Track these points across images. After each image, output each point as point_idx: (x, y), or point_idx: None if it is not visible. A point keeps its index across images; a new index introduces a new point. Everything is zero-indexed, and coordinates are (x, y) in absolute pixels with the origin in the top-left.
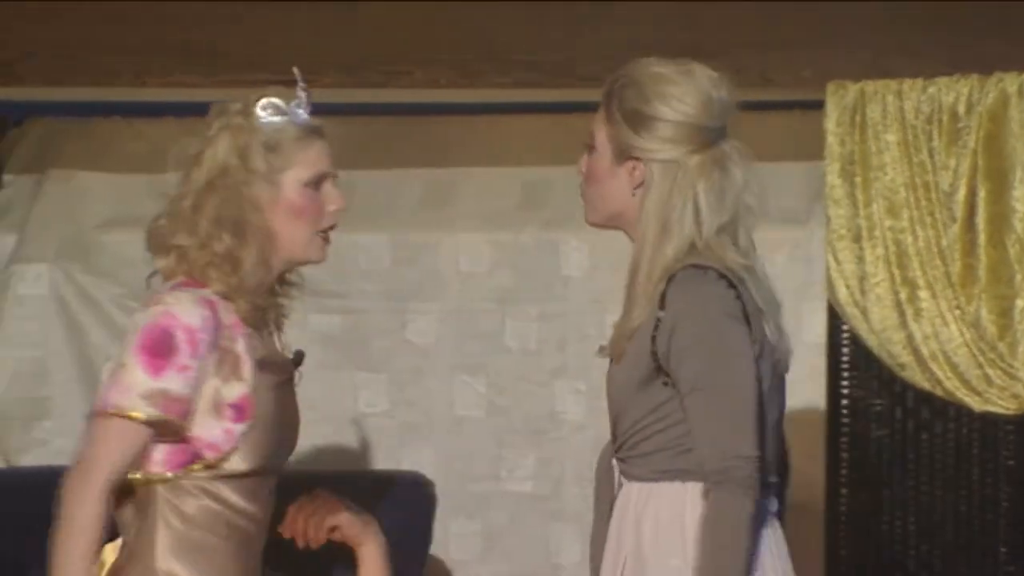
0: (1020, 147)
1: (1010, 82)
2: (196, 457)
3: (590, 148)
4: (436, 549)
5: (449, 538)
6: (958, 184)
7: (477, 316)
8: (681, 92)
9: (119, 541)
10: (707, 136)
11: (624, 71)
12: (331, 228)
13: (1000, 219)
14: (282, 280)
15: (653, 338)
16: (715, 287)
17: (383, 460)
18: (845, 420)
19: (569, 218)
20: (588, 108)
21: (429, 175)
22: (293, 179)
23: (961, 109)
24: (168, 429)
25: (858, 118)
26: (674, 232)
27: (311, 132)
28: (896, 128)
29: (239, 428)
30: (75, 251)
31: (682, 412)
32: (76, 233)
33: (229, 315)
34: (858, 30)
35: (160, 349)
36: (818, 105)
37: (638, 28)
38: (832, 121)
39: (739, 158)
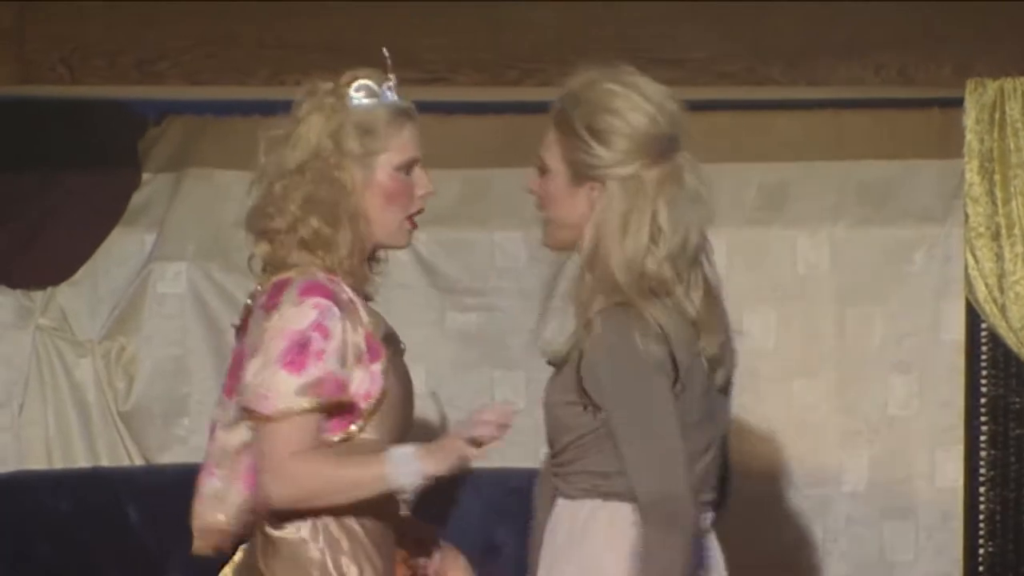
0: None
1: None
2: (352, 417)
3: (542, 170)
4: None
5: None
6: None
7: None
8: (632, 104)
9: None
10: (663, 146)
11: (570, 89)
12: (418, 213)
13: None
14: (371, 260)
15: (578, 369)
16: (638, 335)
17: (522, 458)
18: (984, 418)
19: None
20: (729, 106)
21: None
22: (386, 163)
23: None
24: (334, 407)
25: (997, 115)
26: (629, 249)
27: (403, 115)
28: None
29: (377, 367)
30: (213, 249)
31: (610, 440)
32: (214, 231)
33: (344, 290)
34: (998, 27)
35: (294, 351)
36: (957, 103)
37: (776, 25)
38: (971, 118)
39: (692, 168)
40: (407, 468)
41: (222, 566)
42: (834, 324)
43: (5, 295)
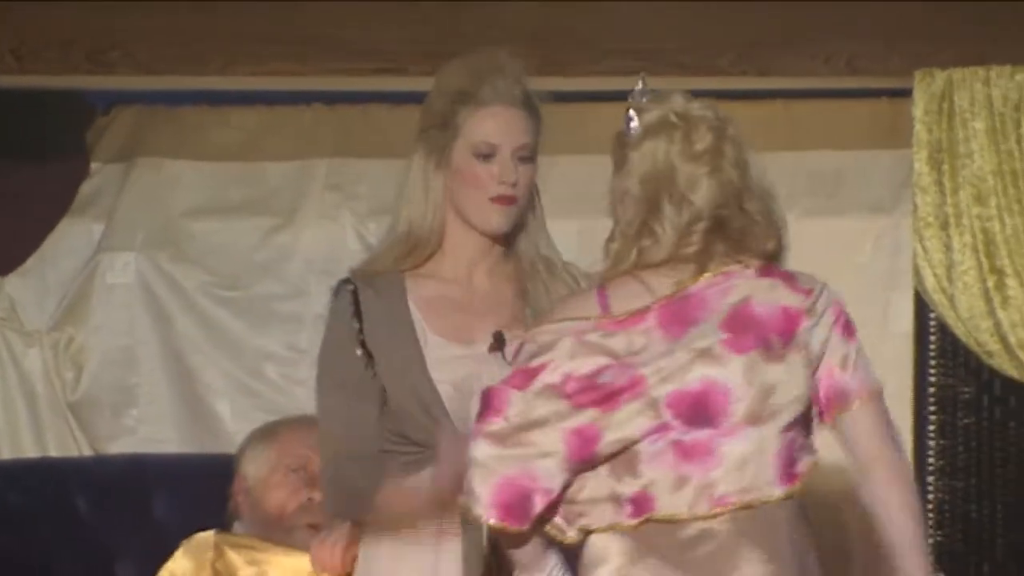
0: None
1: None
2: None
3: (524, 160)
4: None
5: None
6: None
7: None
8: None
9: None
10: None
11: (515, 68)
12: None
13: None
14: None
15: None
16: None
17: None
18: (932, 408)
19: None
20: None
21: None
22: None
23: None
24: None
25: (946, 106)
26: None
27: None
28: (984, 115)
29: None
30: (163, 239)
31: None
32: (164, 221)
33: None
34: (946, 17)
35: None
36: (906, 93)
37: (726, 16)
38: (920, 109)
39: None
40: None
41: (167, 558)
42: None
43: None
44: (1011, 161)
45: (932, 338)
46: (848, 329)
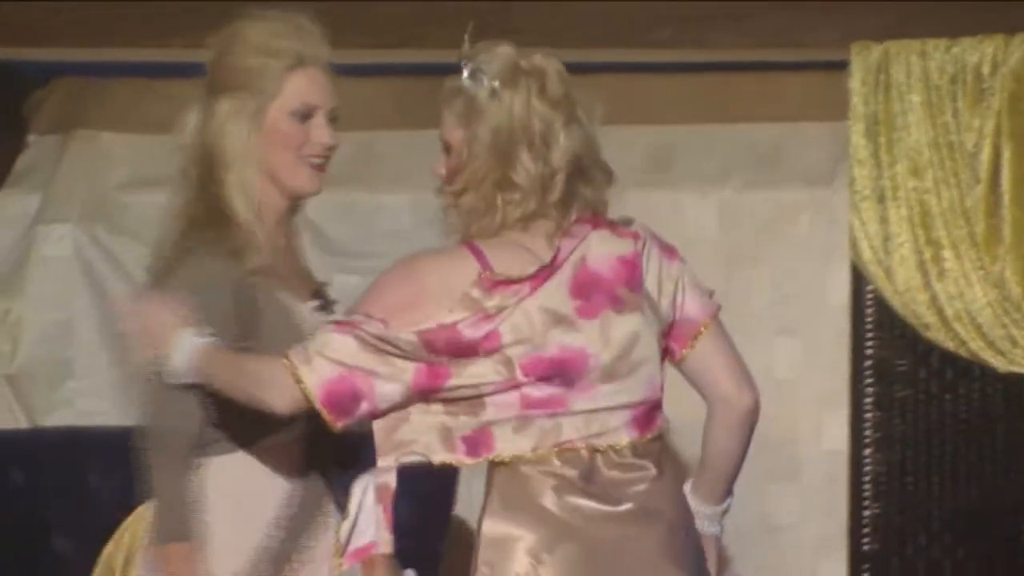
0: None
1: None
2: None
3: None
4: (461, 509)
5: (473, 497)
6: (982, 144)
7: None
8: None
9: None
10: None
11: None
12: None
13: None
14: None
15: None
16: None
17: None
18: (869, 381)
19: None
20: (617, 68)
21: None
22: None
23: (985, 70)
24: None
25: (882, 78)
26: None
27: None
28: (920, 88)
29: None
30: (99, 212)
31: None
32: (100, 194)
33: None
34: None
35: None
36: (842, 65)
37: None
38: (856, 81)
39: None
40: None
41: (105, 531)
42: (721, 287)
43: None
44: (947, 134)
45: (869, 310)
46: (670, 252)
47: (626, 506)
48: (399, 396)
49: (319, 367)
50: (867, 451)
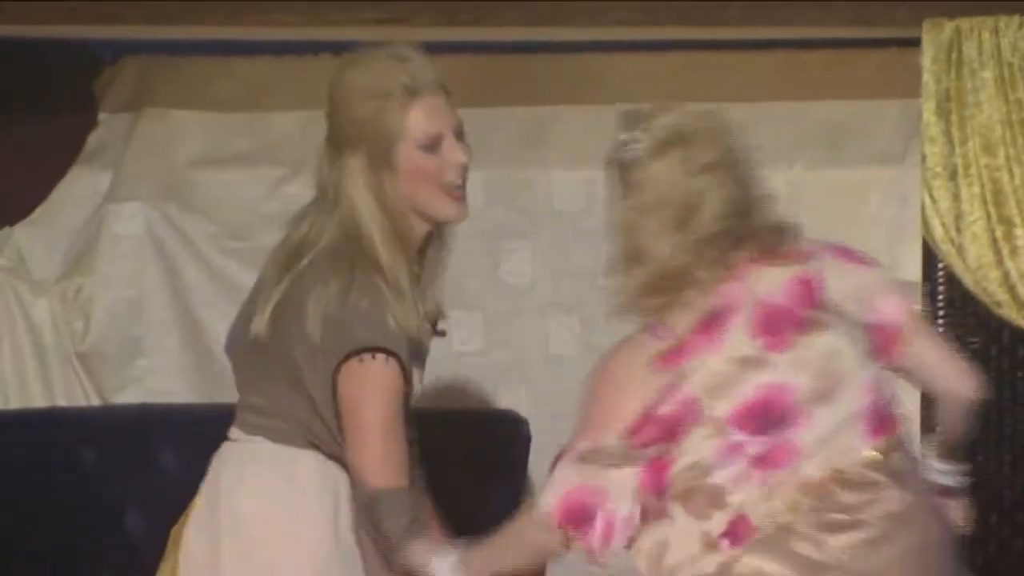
0: None
1: None
2: None
3: (460, 134)
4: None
5: (544, 476)
6: None
7: (572, 255)
8: None
9: None
10: None
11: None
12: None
13: None
14: None
15: None
16: None
17: (478, 399)
18: None
19: None
20: (687, 46)
21: (524, 113)
22: None
23: None
24: None
25: (954, 55)
26: None
27: None
28: (992, 65)
29: None
30: (169, 190)
31: None
32: (170, 172)
33: None
34: None
35: None
36: (914, 43)
37: None
38: (928, 59)
39: None
40: None
41: (175, 509)
42: None
43: None
44: (1019, 111)
45: (940, 288)
46: (855, 259)
47: (873, 529)
48: (630, 500)
49: (547, 493)
50: (939, 428)
